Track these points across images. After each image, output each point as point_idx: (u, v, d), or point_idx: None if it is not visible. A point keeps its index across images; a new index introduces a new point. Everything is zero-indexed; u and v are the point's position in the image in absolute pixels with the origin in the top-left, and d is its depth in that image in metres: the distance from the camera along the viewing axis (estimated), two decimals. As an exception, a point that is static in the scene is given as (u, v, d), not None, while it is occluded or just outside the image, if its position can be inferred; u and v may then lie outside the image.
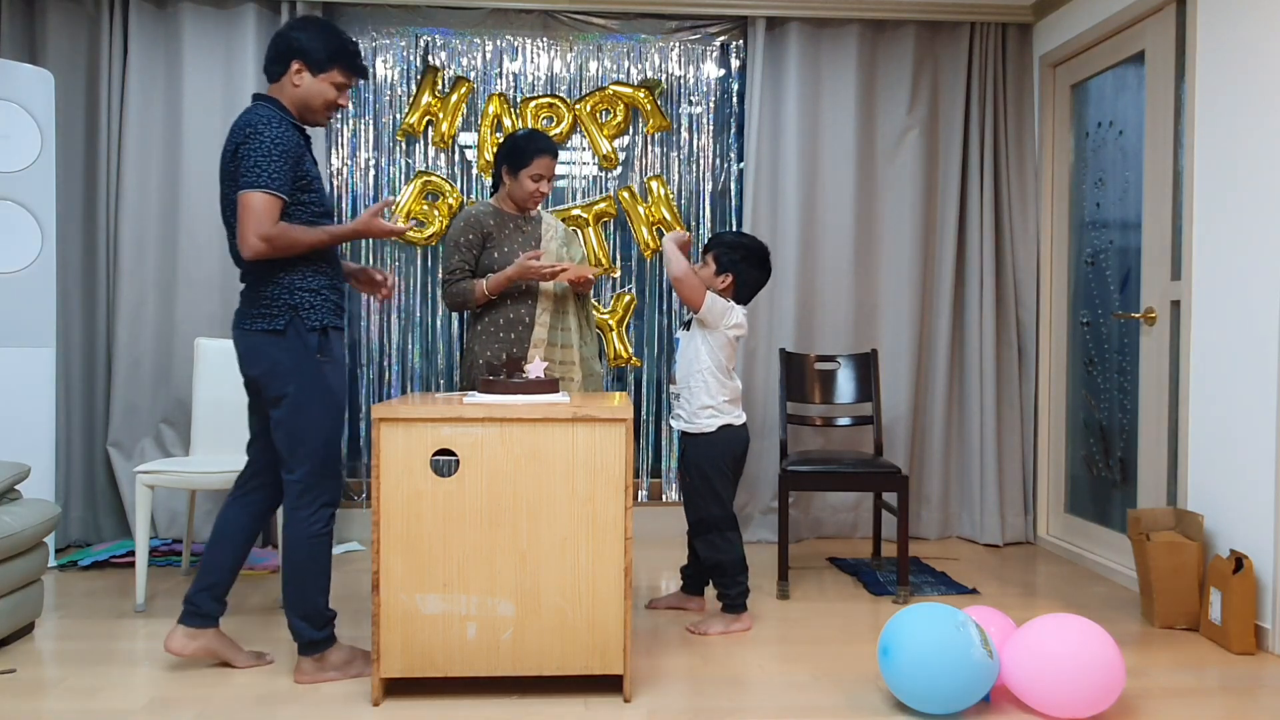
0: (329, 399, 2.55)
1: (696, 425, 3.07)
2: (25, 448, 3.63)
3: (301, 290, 2.52)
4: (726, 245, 3.12)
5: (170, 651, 2.61)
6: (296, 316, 2.50)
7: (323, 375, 2.53)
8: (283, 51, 2.52)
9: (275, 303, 2.50)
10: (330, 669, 2.61)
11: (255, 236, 2.40)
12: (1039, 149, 4.42)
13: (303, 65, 2.51)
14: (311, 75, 2.53)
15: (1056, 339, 4.35)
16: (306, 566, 2.55)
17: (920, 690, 2.36)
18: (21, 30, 4.07)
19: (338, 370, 2.58)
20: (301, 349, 2.51)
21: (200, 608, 2.64)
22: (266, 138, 2.43)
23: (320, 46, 2.52)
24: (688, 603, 3.32)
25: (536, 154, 3.15)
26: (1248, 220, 3.05)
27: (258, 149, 2.42)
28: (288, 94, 2.55)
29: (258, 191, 2.40)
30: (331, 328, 2.56)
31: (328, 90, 2.56)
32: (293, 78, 2.52)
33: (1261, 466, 2.97)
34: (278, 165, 2.42)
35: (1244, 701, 2.55)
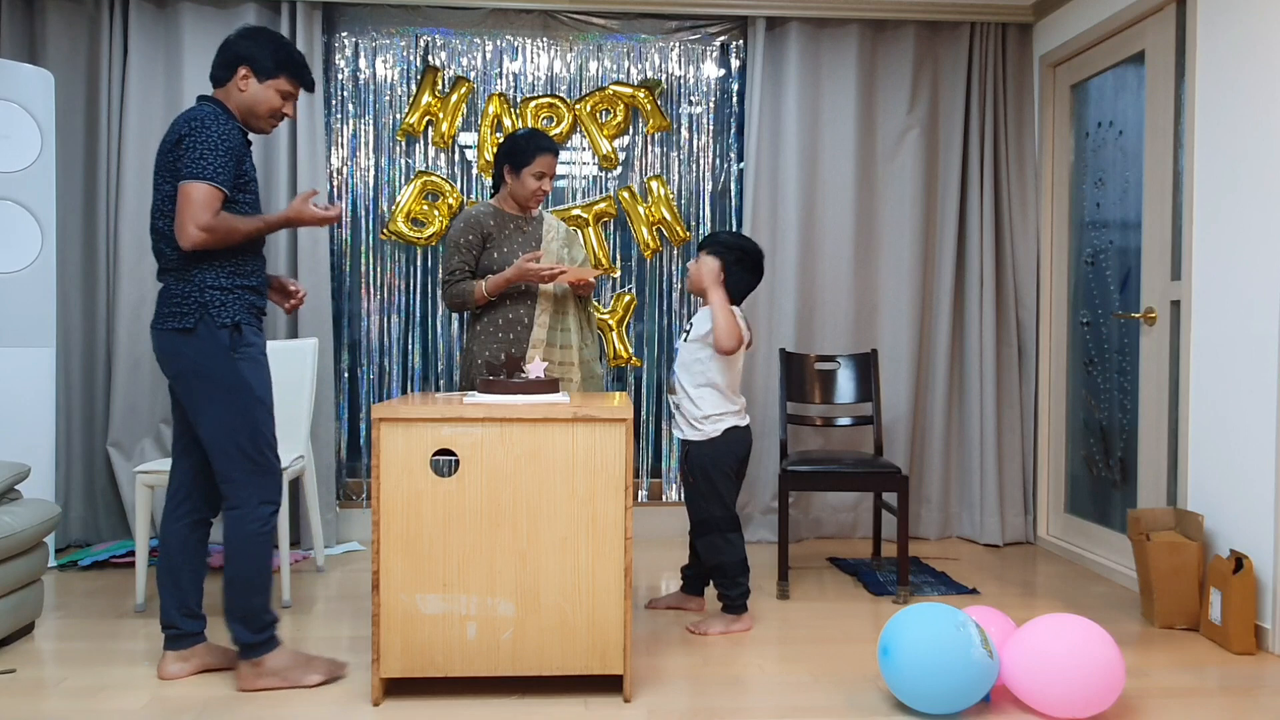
0: (247, 395, 2.51)
1: (702, 432, 3.07)
2: (25, 448, 3.63)
3: (212, 288, 2.49)
4: (722, 244, 3.12)
5: (167, 679, 2.62)
6: (206, 314, 2.47)
7: (238, 371, 2.49)
8: (230, 57, 2.54)
9: (186, 301, 2.48)
10: (268, 674, 2.53)
11: (195, 226, 2.40)
12: (1039, 149, 4.42)
13: (250, 71, 2.54)
14: (258, 81, 2.55)
15: (1056, 339, 4.35)
16: (242, 567, 2.51)
17: (920, 690, 2.36)
18: (21, 30, 4.07)
19: (256, 366, 2.54)
20: (213, 347, 2.47)
21: (180, 628, 2.64)
22: (213, 132, 2.43)
23: (268, 54, 2.55)
24: (687, 603, 3.32)
25: (538, 152, 3.15)
26: (1248, 220, 3.05)
27: (203, 142, 2.42)
28: (233, 99, 2.56)
29: (201, 182, 2.40)
30: (245, 324, 2.53)
31: (273, 97, 2.57)
32: (239, 83, 2.54)
33: (1261, 466, 2.97)
34: (222, 160, 2.43)
35: (1244, 701, 2.55)
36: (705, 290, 3.10)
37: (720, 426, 3.06)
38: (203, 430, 2.51)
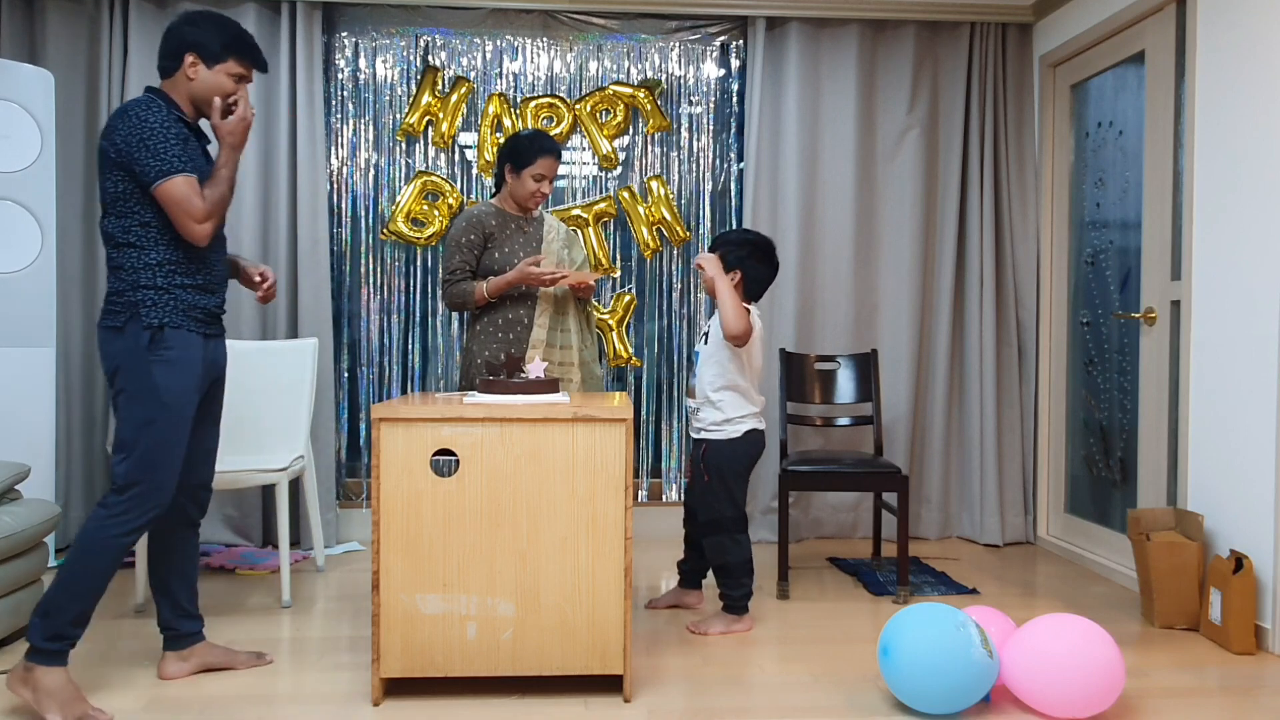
0: (151, 402, 2.38)
1: (724, 433, 3.06)
2: (25, 448, 3.62)
3: (145, 288, 2.40)
4: (733, 243, 3.12)
5: (168, 679, 2.61)
6: (135, 314, 2.39)
7: (150, 375, 2.38)
8: (175, 46, 2.45)
9: (119, 299, 2.42)
10: (28, 687, 2.32)
11: (194, 222, 2.37)
12: (1039, 149, 4.42)
13: (197, 58, 2.44)
14: (206, 68, 2.45)
15: (1056, 339, 4.35)
16: (75, 567, 2.34)
17: (920, 690, 2.36)
18: (21, 30, 4.07)
19: (172, 372, 2.40)
20: (133, 346, 2.39)
21: (178, 629, 2.64)
22: (153, 123, 2.36)
23: (214, 38, 2.45)
24: (686, 598, 3.32)
25: (540, 153, 3.15)
26: (1248, 220, 3.05)
27: (150, 136, 2.34)
28: (182, 88, 2.47)
29: (174, 178, 2.34)
30: (170, 326, 2.41)
31: (224, 82, 2.47)
32: (187, 71, 2.45)
33: (1261, 466, 2.97)
34: (175, 146, 2.37)
35: (1244, 701, 2.55)
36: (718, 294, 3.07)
37: (741, 428, 3.06)
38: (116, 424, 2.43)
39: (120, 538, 2.37)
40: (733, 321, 2.95)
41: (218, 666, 2.68)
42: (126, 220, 2.40)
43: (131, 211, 2.40)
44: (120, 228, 2.41)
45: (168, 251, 2.43)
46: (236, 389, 3.79)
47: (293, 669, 2.73)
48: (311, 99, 4.12)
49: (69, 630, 2.36)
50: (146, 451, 2.39)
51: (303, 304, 4.11)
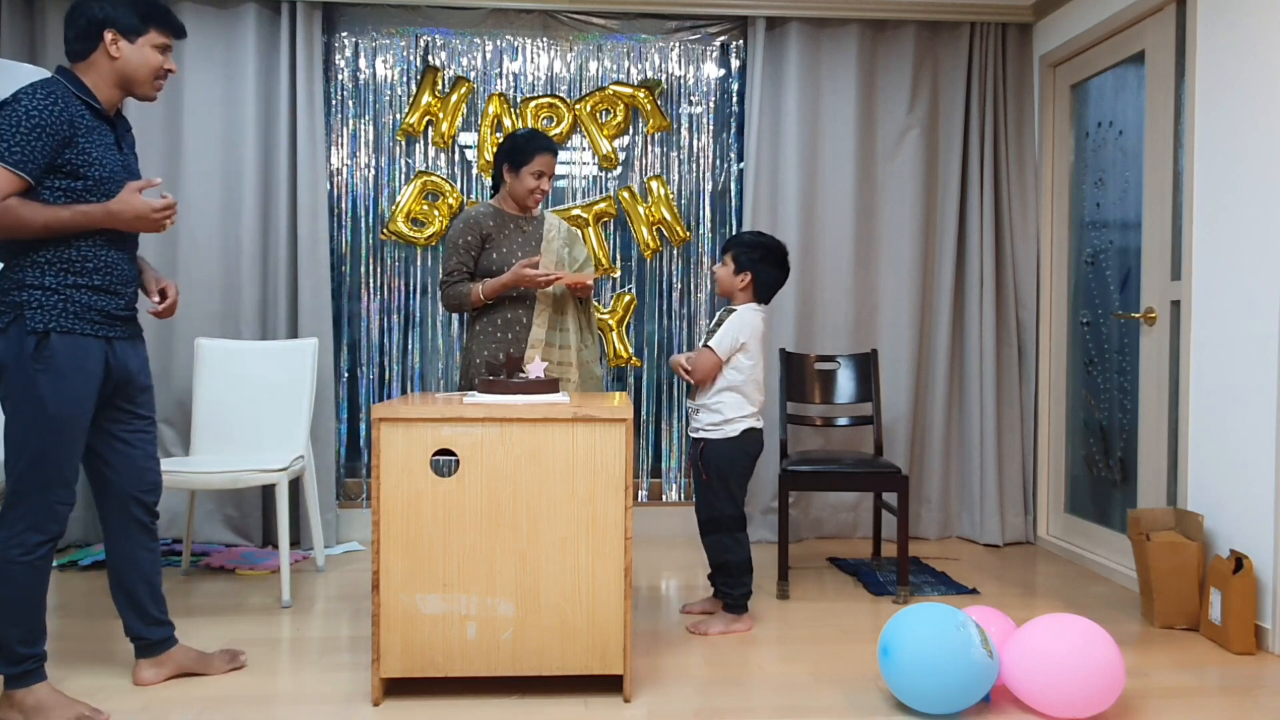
0: (35, 411, 2.21)
1: (723, 432, 3.07)
2: None
3: (32, 287, 2.21)
4: (745, 245, 3.13)
5: (143, 684, 2.56)
6: (20, 316, 2.20)
7: (33, 384, 2.20)
8: (88, 25, 2.26)
9: (3, 299, 2.23)
10: (15, 711, 2.26)
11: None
12: (1039, 149, 4.42)
13: (116, 34, 2.26)
14: (129, 43, 2.29)
15: (1056, 339, 4.35)
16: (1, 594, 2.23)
17: (920, 690, 2.36)
18: (21, 30, 4.07)
19: (60, 383, 2.22)
20: (17, 351, 2.20)
21: (149, 637, 2.58)
22: (22, 106, 2.14)
23: (128, 10, 2.28)
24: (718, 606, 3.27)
25: (538, 151, 3.15)
26: (1248, 220, 3.05)
27: (7, 118, 2.14)
28: (104, 69, 2.28)
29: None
30: (58, 332, 2.22)
31: (151, 55, 2.32)
32: (109, 49, 2.27)
33: (1261, 466, 2.97)
34: (23, 137, 2.13)
35: (1244, 701, 2.55)
36: (731, 295, 3.14)
37: (740, 427, 3.06)
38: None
39: (24, 560, 2.24)
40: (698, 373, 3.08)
41: (193, 671, 2.63)
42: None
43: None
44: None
45: (59, 249, 2.23)
46: (236, 389, 3.80)
47: (293, 669, 2.73)
48: (311, 99, 4.12)
49: (23, 651, 2.28)
50: (33, 464, 2.23)
51: (303, 304, 4.11)
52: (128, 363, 2.41)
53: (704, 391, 3.10)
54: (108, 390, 2.36)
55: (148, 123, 4.10)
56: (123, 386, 2.42)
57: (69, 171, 2.22)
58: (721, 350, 3.03)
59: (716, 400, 3.07)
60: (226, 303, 4.11)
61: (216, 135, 4.12)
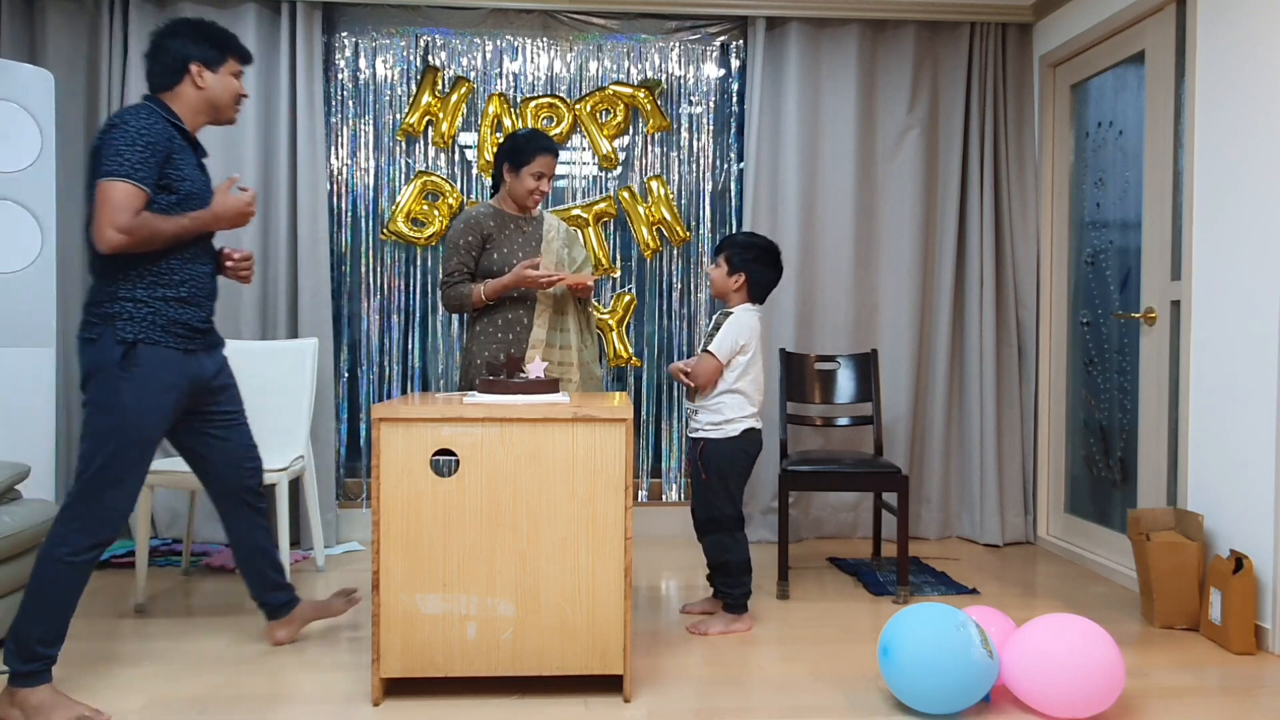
0: (114, 420, 2.33)
1: (723, 431, 3.07)
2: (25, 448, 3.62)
3: (124, 299, 2.36)
4: (738, 246, 3.13)
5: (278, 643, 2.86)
6: (110, 326, 2.34)
7: (117, 391, 2.32)
8: (173, 60, 2.47)
9: (96, 310, 2.37)
10: (16, 709, 2.28)
11: (111, 228, 2.27)
12: (1039, 149, 4.42)
13: (201, 66, 2.48)
14: (213, 73, 2.50)
15: (1056, 339, 4.35)
16: (34, 588, 2.30)
17: (920, 690, 2.36)
18: (21, 30, 4.08)
19: (142, 391, 2.35)
20: (104, 359, 2.33)
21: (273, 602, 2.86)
22: (131, 128, 2.32)
23: (209, 45, 2.50)
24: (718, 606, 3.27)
25: (538, 151, 3.15)
26: (1248, 220, 3.05)
27: (120, 138, 2.30)
28: (191, 99, 2.49)
29: (118, 180, 2.27)
30: (145, 343, 2.36)
31: (231, 82, 2.54)
32: (195, 80, 2.48)
33: (1261, 466, 2.97)
34: (141, 155, 2.30)
35: (1244, 701, 2.55)
36: (726, 296, 3.14)
37: (740, 427, 3.06)
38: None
39: (68, 559, 2.31)
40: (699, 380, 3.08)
41: (317, 617, 2.93)
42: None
43: None
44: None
45: (149, 263, 2.38)
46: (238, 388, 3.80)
47: (293, 669, 2.73)
48: (311, 99, 4.12)
49: (41, 650, 2.31)
50: (102, 469, 2.33)
51: (303, 304, 4.11)
52: (204, 371, 2.56)
53: (704, 394, 3.10)
54: (188, 400, 2.52)
55: (148, 123, 4.10)
56: (203, 392, 2.58)
57: (164, 186, 2.38)
58: (722, 354, 3.03)
59: (716, 401, 3.07)
60: (226, 303, 4.09)
61: (216, 135, 4.11)
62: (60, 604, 2.33)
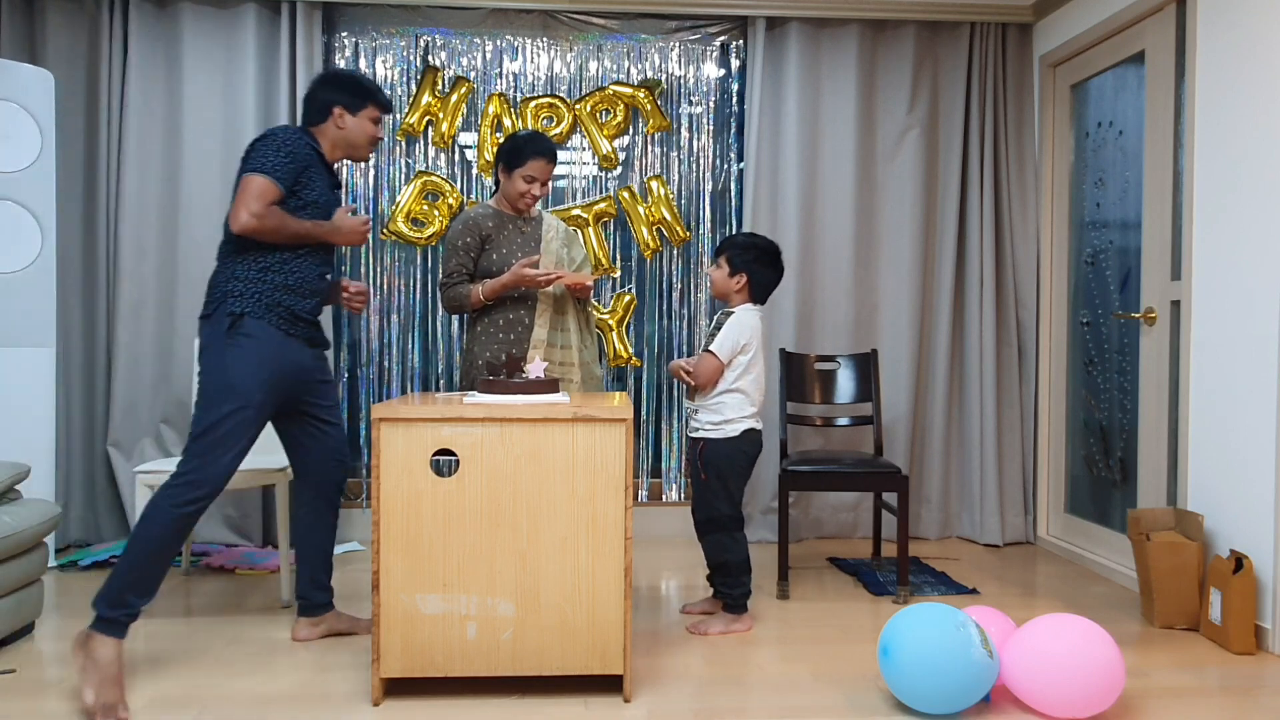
0: (220, 381, 2.56)
1: (723, 431, 3.07)
2: (25, 448, 3.63)
3: (237, 279, 2.63)
4: (739, 247, 3.13)
5: (299, 640, 2.92)
6: (224, 303, 2.61)
7: (223, 357, 2.57)
8: (321, 103, 2.81)
9: (214, 290, 2.65)
10: (83, 653, 2.40)
11: (246, 212, 2.54)
12: (1039, 149, 4.42)
13: (342, 110, 2.80)
14: (352, 116, 2.81)
15: (1056, 339, 4.35)
16: (134, 534, 2.49)
17: (920, 690, 2.36)
18: (21, 30, 4.07)
19: (244, 358, 2.57)
20: (216, 331, 2.60)
21: (309, 599, 2.94)
22: (279, 137, 2.64)
23: (352, 91, 2.82)
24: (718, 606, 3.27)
25: (533, 155, 3.15)
26: (1248, 220, 3.05)
27: (268, 145, 2.62)
28: (331, 135, 2.82)
29: (259, 175, 2.57)
30: (251, 316, 2.60)
31: (367, 126, 2.84)
32: (336, 122, 2.80)
33: (1261, 466, 2.97)
34: (283, 160, 2.61)
35: (1244, 701, 2.55)
36: (727, 297, 3.15)
37: (740, 427, 3.06)
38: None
39: (172, 509, 2.49)
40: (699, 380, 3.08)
41: (345, 632, 2.98)
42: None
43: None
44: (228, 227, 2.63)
45: (266, 252, 2.65)
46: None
47: (293, 669, 2.73)
48: (311, 99, 4.11)
49: (128, 598, 2.44)
50: (209, 430, 2.53)
51: (303, 304, 4.11)
52: (303, 359, 2.75)
53: (705, 393, 3.10)
54: (288, 384, 2.70)
55: (148, 123, 4.10)
56: (303, 383, 2.78)
57: (295, 192, 2.67)
58: (723, 354, 3.03)
59: (717, 401, 3.07)
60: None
61: (217, 135, 4.12)
62: (155, 554, 2.48)
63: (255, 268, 2.64)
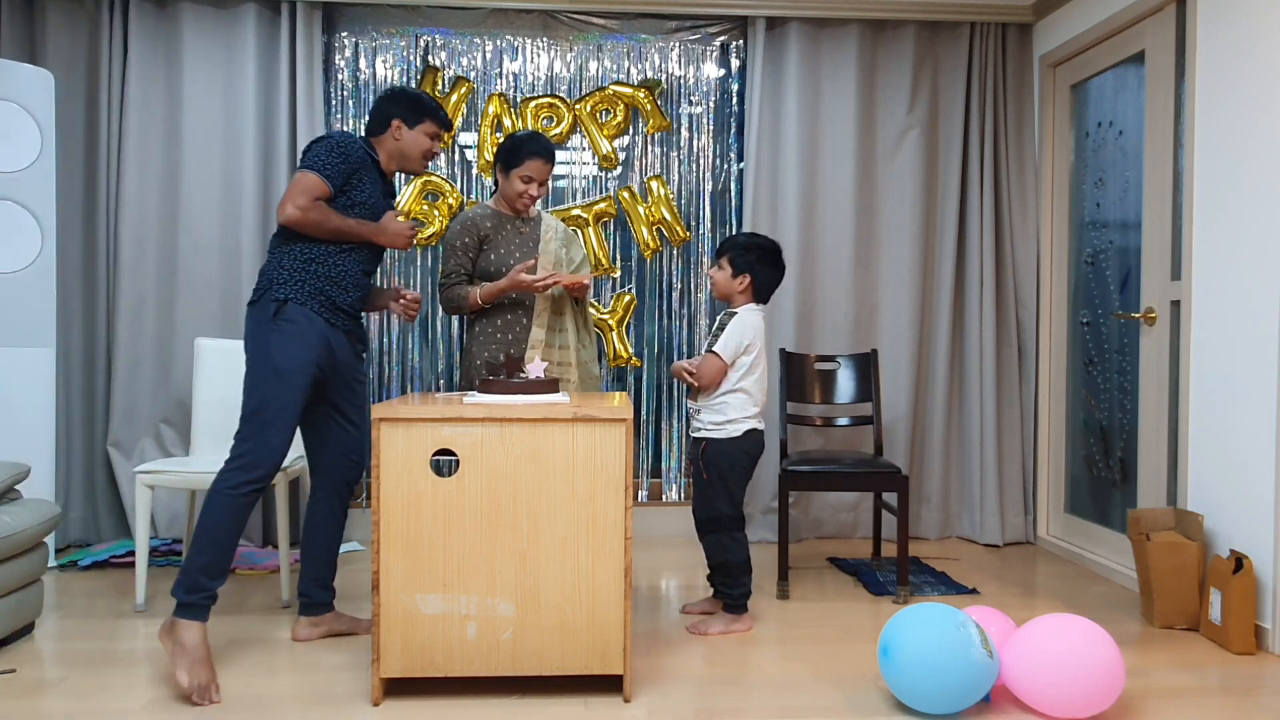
0: (265, 364, 2.64)
1: (725, 431, 3.07)
2: (25, 448, 3.63)
3: (283, 268, 2.72)
4: (740, 247, 3.13)
5: (299, 640, 2.93)
6: (270, 289, 2.70)
7: (268, 342, 2.65)
8: (383, 115, 2.90)
9: (262, 278, 2.74)
10: (170, 639, 2.53)
11: (291, 205, 2.65)
12: (1039, 149, 4.42)
13: (401, 123, 2.88)
14: (409, 129, 2.89)
15: (1056, 339, 4.35)
16: (199, 521, 2.58)
17: (920, 690, 2.36)
18: (21, 30, 4.07)
19: (288, 342, 2.66)
20: (261, 317, 2.69)
21: (312, 598, 2.96)
22: (335, 139, 2.74)
23: (409, 108, 2.90)
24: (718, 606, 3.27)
25: (530, 155, 3.15)
26: (1248, 220, 3.05)
27: (324, 145, 2.73)
28: (389, 145, 2.90)
29: (310, 172, 2.68)
30: (294, 301, 2.68)
31: (423, 140, 2.91)
32: (394, 133, 2.89)
33: (1261, 466, 2.97)
34: (336, 161, 2.71)
35: (1244, 701, 2.55)
36: (730, 298, 3.15)
37: (743, 427, 3.06)
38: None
39: (229, 492, 2.58)
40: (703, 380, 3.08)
41: (345, 633, 2.99)
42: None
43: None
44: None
45: (311, 245, 2.74)
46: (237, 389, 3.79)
47: (293, 669, 2.73)
48: (311, 99, 4.12)
49: (202, 581, 2.54)
50: (256, 411, 2.63)
51: (303, 304, 4.11)
52: (341, 350, 2.82)
53: (707, 393, 3.10)
54: (327, 370, 2.77)
55: (148, 123, 4.10)
56: (341, 376, 2.85)
57: (344, 191, 2.76)
58: (727, 354, 3.03)
59: (720, 401, 3.07)
60: (226, 303, 4.10)
61: (217, 135, 4.12)
62: (221, 537, 2.57)
63: (300, 259, 2.73)
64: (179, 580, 2.56)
